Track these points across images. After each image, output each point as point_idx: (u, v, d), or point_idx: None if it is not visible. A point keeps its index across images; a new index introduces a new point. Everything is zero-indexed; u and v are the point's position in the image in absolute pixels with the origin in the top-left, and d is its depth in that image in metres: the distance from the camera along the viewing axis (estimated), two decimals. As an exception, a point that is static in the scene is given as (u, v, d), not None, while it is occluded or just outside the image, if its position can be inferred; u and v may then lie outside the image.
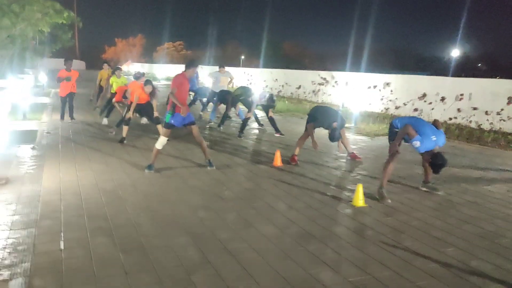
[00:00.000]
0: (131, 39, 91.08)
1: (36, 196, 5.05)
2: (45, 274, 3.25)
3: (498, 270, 3.58)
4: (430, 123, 5.63)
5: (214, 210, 4.78)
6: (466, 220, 4.76)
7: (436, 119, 6.21)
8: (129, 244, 3.82)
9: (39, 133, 9.24)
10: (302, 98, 20.30)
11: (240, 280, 3.26)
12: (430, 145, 5.25)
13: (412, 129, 5.29)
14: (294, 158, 7.26)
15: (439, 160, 5.20)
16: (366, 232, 4.34)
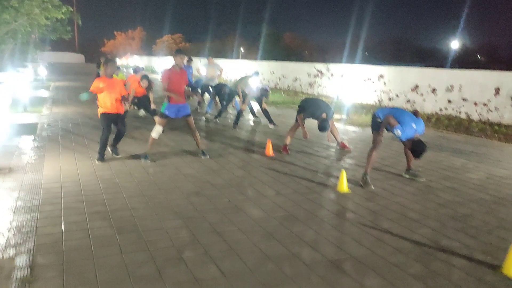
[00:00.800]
0: (130, 32, 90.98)
1: (37, 183, 5.34)
2: (47, 252, 3.54)
3: (464, 248, 3.88)
4: (410, 112, 5.89)
5: (205, 196, 5.07)
6: (442, 204, 5.05)
7: (416, 109, 6.48)
8: (124, 226, 4.11)
9: (40, 125, 9.52)
10: (298, 91, 20.55)
11: (226, 257, 3.56)
12: (410, 133, 5.52)
13: (393, 119, 5.56)
14: (285, 147, 7.55)
15: (419, 146, 5.46)
16: (347, 215, 4.63)
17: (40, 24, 14.57)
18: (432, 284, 3.21)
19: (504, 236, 4.12)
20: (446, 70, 13.72)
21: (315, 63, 20.30)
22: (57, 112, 11.70)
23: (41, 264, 3.34)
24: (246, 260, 3.51)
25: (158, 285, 3.08)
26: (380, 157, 7.29)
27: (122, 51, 76.96)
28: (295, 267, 3.42)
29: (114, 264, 3.38)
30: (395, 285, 3.19)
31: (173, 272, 3.27)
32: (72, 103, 13.73)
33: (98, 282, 3.10)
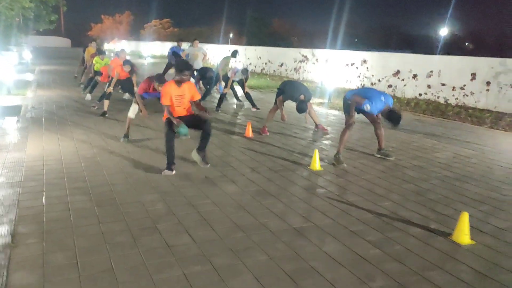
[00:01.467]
0: (118, 16, 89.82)
1: (20, 162, 5.51)
2: (28, 223, 3.75)
3: (421, 218, 4.17)
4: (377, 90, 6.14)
5: (183, 173, 5.29)
6: (407, 180, 5.34)
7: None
8: (103, 200, 4.33)
9: (24, 107, 9.61)
10: (284, 76, 20.72)
11: (198, 226, 3.80)
12: (380, 105, 5.75)
13: (359, 97, 5.80)
14: (265, 129, 7.78)
15: (393, 114, 5.70)
16: (316, 190, 4.90)
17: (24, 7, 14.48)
18: (386, 249, 3.49)
19: (460, 208, 4.41)
20: (426, 56, 14.00)
21: (301, 49, 20.47)
22: (42, 95, 11.76)
23: (22, 233, 3.55)
24: (217, 229, 3.75)
25: (133, 251, 3.31)
26: (355, 139, 7.56)
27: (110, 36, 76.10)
28: (262, 235, 3.67)
29: (92, 233, 3.60)
30: (353, 249, 3.46)
31: (148, 240, 3.50)
32: (57, 86, 13.76)
33: (76, 248, 3.32)
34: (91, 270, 3.01)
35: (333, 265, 3.21)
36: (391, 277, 3.07)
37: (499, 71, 11.11)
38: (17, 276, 2.92)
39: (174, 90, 5.31)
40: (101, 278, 2.92)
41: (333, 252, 3.40)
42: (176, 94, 5.32)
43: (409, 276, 3.09)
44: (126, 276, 2.95)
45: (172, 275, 2.98)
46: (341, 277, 3.04)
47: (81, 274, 2.96)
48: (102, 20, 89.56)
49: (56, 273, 2.96)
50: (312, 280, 2.99)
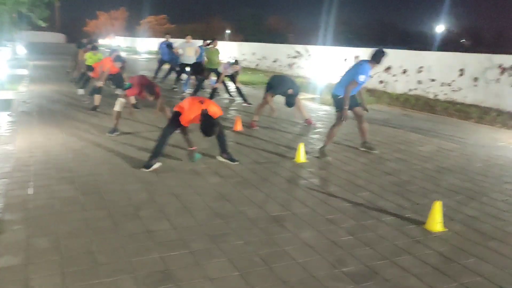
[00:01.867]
0: (113, 12, 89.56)
1: (9, 153, 5.61)
2: (14, 211, 3.86)
3: (396, 207, 4.31)
4: None
5: (169, 165, 5.41)
6: (388, 172, 5.48)
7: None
8: (88, 189, 4.44)
9: (15, 101, 9.69)
10: (277, 71, 20.82)
11: (179, 214, 3.92)
12: (365, 65, 5.95)
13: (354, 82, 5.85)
14: (253, 123, 7.90)
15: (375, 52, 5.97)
16: (297, 181, 5.03)
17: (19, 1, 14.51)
18: (359, 235, 3.63)
19: (435, 198, 4.52)
20: (417, 52, 14.14)
21: (295, 45, 20.57)
22: (34, 89, 11.83)
23: (8, 220, 3.66)
24: (197, 216, 3.88)
25: (114, 235, 3.44)
26: (343, 133, 7.68)
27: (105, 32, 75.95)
28: (240, 222, 3.80)
29: (76, 219, 3.72)
30: (326, 236, 3.60)
31: (129, 226, 3.63)
32: (50, 82, 13.83)
33: (59, 233, 3.44)
34: (72, 252, 3.13)
35: (306, 250, 3.34)
36: (361, 261, 3.21)
37: (487, 67, 11.27)
38: (2, 259, 3.04)
39: (197, 107, 5.15)
40: (81, 259, 3.04)
41: (307, 238, 3.54)
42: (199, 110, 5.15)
43: (378, 260, 3.23)
44: (105, 258, 3.07)
45: (150, 258, 3.11)
46: (313, 261, 3.18)
47: (62, 256, 3.08)
48: (97, 16, 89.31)
49: (39, 256, 3.08)
50: (284, 264, 3.12)
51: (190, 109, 5.13)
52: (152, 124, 7.80)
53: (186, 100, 5.40)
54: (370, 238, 3.60)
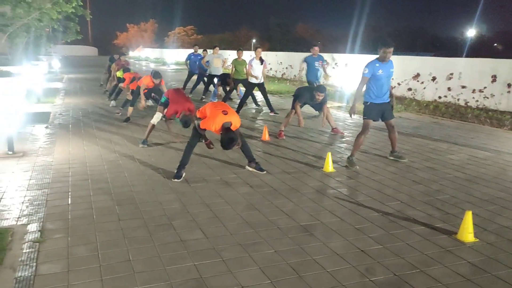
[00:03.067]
0: (143, 25, 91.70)
1: (48, 165, 5.87)
2: (55, 220, 4.06)
3: (426, 217, 4.30)
4: None
5: (200, 174, 5.55)
6: (418, 181, 5.46)
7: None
8: (124, 200, 4.62)
9: (52, 114, 10.09)
10: (304, 80, 20.85)
11: (211, 223, 4.04)
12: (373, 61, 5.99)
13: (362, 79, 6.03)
14: (281, 133, 7.98)
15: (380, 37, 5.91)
16: (326, 190, 5.08)
17: (52, 18, 15.12)
18: (389, 245, 3.65)
19: (467, 208, 4.51)
20: (446, 59, 13.97)
21: (322, 54, 20.57)
22: (69, 102, 12.28)
23: (49, 229, 3.86)
24: (228, 226, 3.98)
25: (149, 245, 3.57)
26: (370, 142, 7.69)
27: (135, 44, 77.80)
28: (270, 231, 3.88)
29: (112, 229, 3.88)
30: (356, 245, 3.64)
31: (163, 235, 3.76)
32: (84, 94, 14.31)
33: (97, 242, 3.61)
34: (110, 261, 3.28)
35: (336, 259, 3.39)
36: (391, 270, 3.23)
37: (520, 73, 11.03)
38: (45, 266, 3.21)
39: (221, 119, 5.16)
40: (119, 268, 3.18)
41: (336, 248, 3.58)
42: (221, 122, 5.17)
43: (408, 270, 3.24)
44: (142, 266, 3.21)
45: (184, 266, 3.22)
46: (342, 270, 3.22)
47: (101, 264, 3.23)
48: (127, 28, 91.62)
49: (79, 264, 3.24)
50: (314, 273, 3.18)
51: (213, 120, 5.15)
52: (183, 135, 7.98)
53: (209, 106, 5.46)
54: (399, 248, 3.61)
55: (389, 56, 5.91)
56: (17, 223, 3.99)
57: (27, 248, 3.48)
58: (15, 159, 6.11)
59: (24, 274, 3.09)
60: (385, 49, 5.84)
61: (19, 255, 3.37)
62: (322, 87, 7.68)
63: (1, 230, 3.79)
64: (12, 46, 18.14)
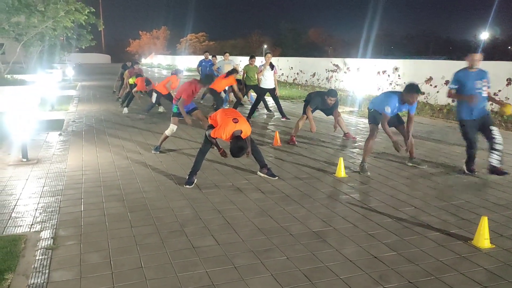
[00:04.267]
0: (155, 32, 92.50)
1: (61, 172, 5.92)
2: (68, 227, 4.08)
3: (441, 222, 4.23)
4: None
5: (211, 180, 5.55)
6: (432, 186, 5.38)
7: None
8: (136, 206, 4.63)
9: (66, 121, 10.20)
10: (316, 85, 20.84)
11: (223, 230, 4.02)
12: (395, 97, 5.82)
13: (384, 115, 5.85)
14: (293, 138, 7.95)
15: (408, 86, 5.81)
16: (339, 196, 5.03)
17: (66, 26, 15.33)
18: (403, 251, 3.60)
19: (483, 214, 4.42)
20: (459, 62, 13.77)
21: (332, 58, 20.58)
22: (82, 109, 12.40)
23: (62, 236, 3.88)
24: (240, 232, 3.96)
25: (160, 251, 3.57)
26: (383, 147, 7.62)
27: (147, 51, 78.49)
28: (283, 238, 3.85)
29: (124, 235, 3.89)
30: (369, 251, 3.59)
31: (175, 242, 3.76)
32: (97, 101, 14.45)
33: (109, 248, 3.62)
34: (122, 268, 3.28)
35: (349, 266, 3.34)
36: (405, 277, 3.18)
37: (535, 75, 10.85)
38: (57, 273, 3.23)
39: (231, 128, 5.04)
40: (131, 275, 3.18)
41: (349, 254, 3.54)
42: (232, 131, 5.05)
43: (422, 277, 3.19)
44: (154, 273, 3.20)
45: (196, 273, 3.21)
46: (355, 277, 3.18)
47: (113, 271, 3.24)
48: (140, 36, 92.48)
49: (91, 271, 3.25)
50: (327, 280, 3.14)
51: (224, 128, 5.02)
52: (195, 141, 8.00)
53: (220, 114, 5.35)
54: (414, 254, 3.55)
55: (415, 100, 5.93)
56: (30, 230, 4.02)
57: (40, 255, 3.50)
58: (29, 166, 6.17)
59: (36, 281, 3.10)
60: (417, 95, 5.83)
61: (32, 262, 3.39)
62: (333, 91, 7.64)
63: (15, 237, 3.82)
64: (27, 54, 18.44)
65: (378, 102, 6.08)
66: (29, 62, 18.81)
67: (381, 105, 5.92)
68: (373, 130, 6.12)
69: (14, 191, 5.12)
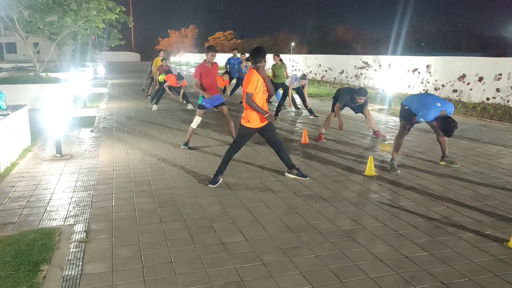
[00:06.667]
0: (184, 30, 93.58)
1: (93, 167, 6.05)
2: (100, 221, 4.17)
3: (475, 223, 4.11)
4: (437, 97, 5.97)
5: (239, 177, 5.56)
6: (465, 186, 5.24)
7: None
8: (165, 202, 4.69)
9: (97, 118, 10.42)
10: (344, 83, 20.62)
11: (251, 226, 4.02)
12: (435, 112, 5.49)
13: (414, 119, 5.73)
14: (321, 136, 7.89)
15: (448, 123, 5.32)
16: (368, 194, 4.96)
17: (98, 26, 15.68)
18: (435, 252, 3.51)
19: (519, 214, 4.29)
20: (494, 59, 13.42)
21: (362, 56, 20.31)
22: (113, 107, 12.64)
23: (94, 230, 3.97)
24: (268, 229, 3.96)
25: (190, 247, 3.60)
26: (414, 145, 7.47)
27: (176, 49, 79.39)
28: (311, 236, 3.83)
29: (154, 230, 3.94)
30: (400, 251, 3.52)
31: (204, 238, 3.78)
32: (127, 99, 14.71)
33: (140, 243, 3.67)
34: (152, 262, 3.33)
35: (379, 266, 3.29)
36: (437, 278, 3.10)
37: None
38: (90, 266, 3.30)
39: (259, 77, 5.11)
40: (161, 269, 3.22)
41: (380, 253, 3.48)
42: (262, 82, 5.13)
43: (456, 279, 3.10)
44: (183, 268, 3.23)
45: (225, 269, 3.22)
46: (386, 277, 3.12)
47: (144, 265, 3.28)
48: (168, 34, 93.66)
49: (122, 264, 3.30)
50: (357, 279, 3.10)
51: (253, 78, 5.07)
52: (223, 139, 8.05)
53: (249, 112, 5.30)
54: (446, 255, 3.47)
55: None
56: (64, 223, 4.12)
57: (74, 248, 3.59)
58: (63, 162, 6.34)
59: (71, 273, 3.18)
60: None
61: (66, 254, 3.48)
62: (363, 90, 7.53)
63: (50, 230, 3.93)
64: (60, 53, 18.95)
65: (416, 105, 5.76)
66: (63, 60, 19.32)
67: (419, 110, 5.63)
68: (403, 127, 6.00)
69: (49, 185, 5.26)
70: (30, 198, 4.79)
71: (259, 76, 5.13)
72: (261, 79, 5.14)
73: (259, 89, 5.11)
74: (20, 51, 54.25)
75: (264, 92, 5.21)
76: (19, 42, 51.48)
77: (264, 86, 5.17)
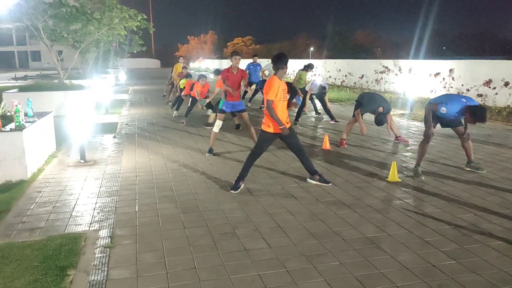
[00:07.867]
0: (203, 36, 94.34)
1: (117, 173, 6.13)
2: (124, 226, 4.21)
3: (504, 231, 4.01)
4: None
5: (261, 183, 5.55)
6: (492, 193, 5.12)
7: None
8: (188, 207, 4.71)
9: (119, 124, 10.56)
10: (365, 87, 20.46)
11: (274, 233, 4.01)
12: (458, 106, 5.44)
13: (433, 104, 5.64)
14: (342, 141, 7.82)
15: (478, 108, 5.31)
16: (392, 201, 4.89)
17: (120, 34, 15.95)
18: (463, 260, 3.44)
19: (550, 222, 4.17)
20: (520, 62, 13.11)
21: (382, 60, 20.13)
22: (135, 113, 12.80)
23: (119, 235, 4.00)
24: (291, 236, 3.94)
25: (213, 253, 3.60)
26: (438, 150, 7.35)
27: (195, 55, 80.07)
28: (335, 243, 3.79)
29: (178, 236, 3.96)
30: (426, 259, 3.46)
31: (227, 244, 3.78)
32: (148, 105, 14.88)
33: (164, 249, 3.69)
34: (176, 268, 3.34)
35: (405, 274, 3.23)
36: (466, 287, 3.03)
37: None
38: (115, 271, 3.33)
39: (280, 84, 5.12)
40: (185, 275, 3.23)
41: (405, 261, 3.42)
42: (283, 88, 5.14)
43: (486, 288, 3.03)
44: (207, 275, 3.23)
45: (248, 276, 3.21)
46: (412, 286, 3.07)
47: (168, 271, 3.30)
48: (188, 40, 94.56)
49: (147, 270, 3.33)
50: (382, 287, 3.05)
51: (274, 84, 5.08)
52: (244, 145, 8.06)
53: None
54: (475, 264, 3.39)
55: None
56: (89, 229, 4.18)
57: (99, 253, 3.63)
58: (86, 167, 6.43)
59: (96, 278, 3.22)
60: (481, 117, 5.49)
61: (92, 260, 3.52)
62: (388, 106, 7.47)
63: (76, 235, 3.99)
64: (83, 61, 19.33)
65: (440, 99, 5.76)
66: (85, 67, 19.69)
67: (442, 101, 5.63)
68: (427, 133, 5.89)
69: (74, 191, 5.34)
70: (56, 204, 4.87)
71: (280, 83, 5.12)
72: (282, 86, 5.13)
73: (280, 96, 5.10)
74: (44, 59, 55.56)
75: (285, 99, 5.23)
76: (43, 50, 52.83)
77: (285, 92, 5.17)
